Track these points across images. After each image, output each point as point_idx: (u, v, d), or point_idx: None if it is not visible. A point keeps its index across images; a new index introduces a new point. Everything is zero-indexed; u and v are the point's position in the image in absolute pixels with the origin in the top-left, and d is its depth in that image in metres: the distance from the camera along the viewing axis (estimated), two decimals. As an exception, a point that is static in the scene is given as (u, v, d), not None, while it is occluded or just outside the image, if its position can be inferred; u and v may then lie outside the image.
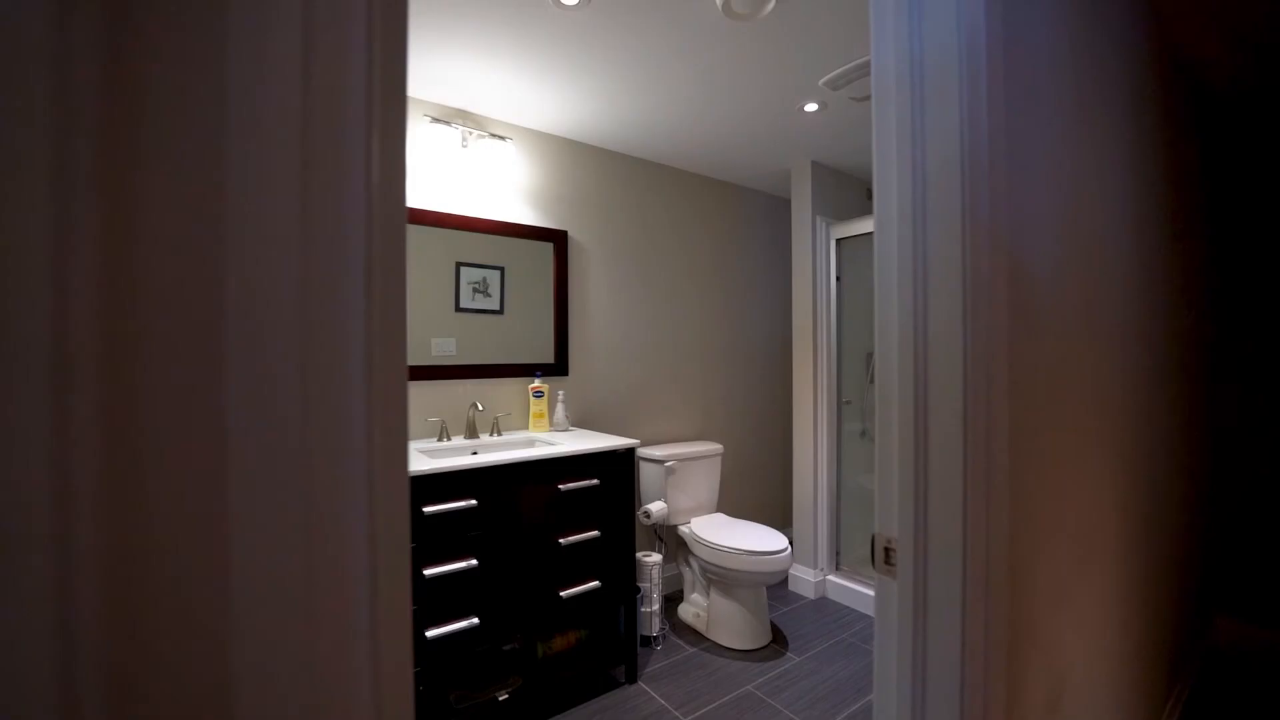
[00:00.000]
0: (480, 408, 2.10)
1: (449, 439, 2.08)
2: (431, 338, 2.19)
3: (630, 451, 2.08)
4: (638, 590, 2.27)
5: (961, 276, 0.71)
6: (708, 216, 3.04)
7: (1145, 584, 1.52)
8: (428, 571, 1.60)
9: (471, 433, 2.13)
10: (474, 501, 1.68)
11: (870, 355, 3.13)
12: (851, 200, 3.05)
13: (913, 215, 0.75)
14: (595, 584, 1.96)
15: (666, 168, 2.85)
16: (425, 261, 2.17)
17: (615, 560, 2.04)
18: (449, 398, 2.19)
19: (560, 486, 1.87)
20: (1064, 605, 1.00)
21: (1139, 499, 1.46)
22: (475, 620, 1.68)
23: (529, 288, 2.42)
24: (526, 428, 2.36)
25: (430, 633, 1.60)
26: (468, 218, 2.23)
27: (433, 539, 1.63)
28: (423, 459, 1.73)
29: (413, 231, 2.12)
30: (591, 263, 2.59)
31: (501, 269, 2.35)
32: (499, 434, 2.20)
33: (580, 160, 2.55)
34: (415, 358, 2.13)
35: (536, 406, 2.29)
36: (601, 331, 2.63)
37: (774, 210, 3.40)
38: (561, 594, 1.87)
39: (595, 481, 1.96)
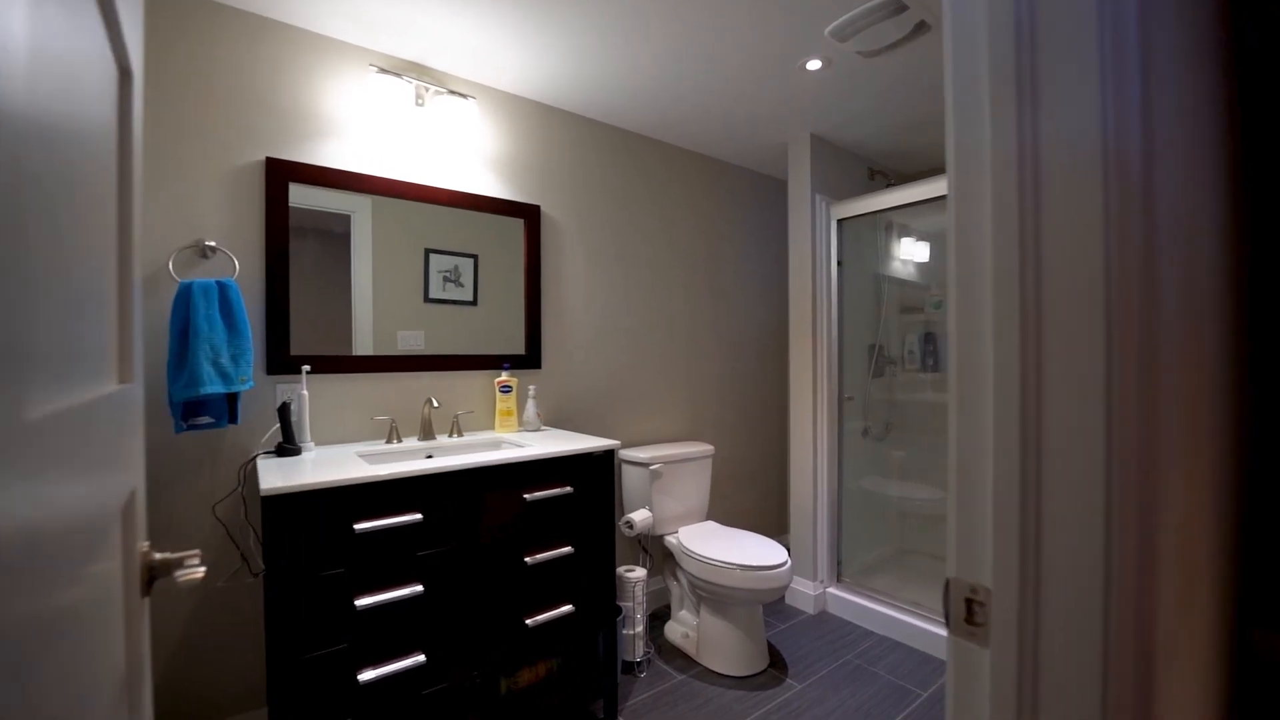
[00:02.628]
0: (436, 404, 1.81)
1: (399, 440, 1.80)
2: (398, 330, 1.93)
3: (609, 454, 1.81)
4: (618, 612, 2.01)
5: (1105, 299, 0.46)
6: (697, 197, 2.78)
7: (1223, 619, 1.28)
8: (361, 602, 1.31)
9: (427, 433, 1.85)
10: (419, 516, 1.40)
11: (874, 347, 2.89)
12: (853, 181, 2.81)
13: (1019, 216, 0.50)
14: (568, 608, 1.68)
15: (651, 140, 2.59)
16: (389, 246, 1.92)
17: (592, 579, 1.77)
18: (401, 393, 1.90)
19: (526, 496, 1.59)
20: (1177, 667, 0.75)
21: (1223, 522, 1.23)
22: (421, 657, 1.40)
23: (505, 278, 2.16)
24: (492, 428, 2.08)
25: (364, 676, 1.32)
26: (424, 187, 1.94)
27: (367, 562, 1.34)
28: (358, 465, 1.44)
29: (365, 206, 1.83)
30: (567, 242, 2.32)
31: (475, 257, 2.09)
32: (459, 435, 1.92)
33: (554, 127, 2.28)
34: (374, 350, 1.84)
35: (503, 403, 2.02)
36: (579, 320, 2.35)
37: (769, 192, 3.15)
38: (528, 622, 1.59)
39: (568, 489, 1.68)
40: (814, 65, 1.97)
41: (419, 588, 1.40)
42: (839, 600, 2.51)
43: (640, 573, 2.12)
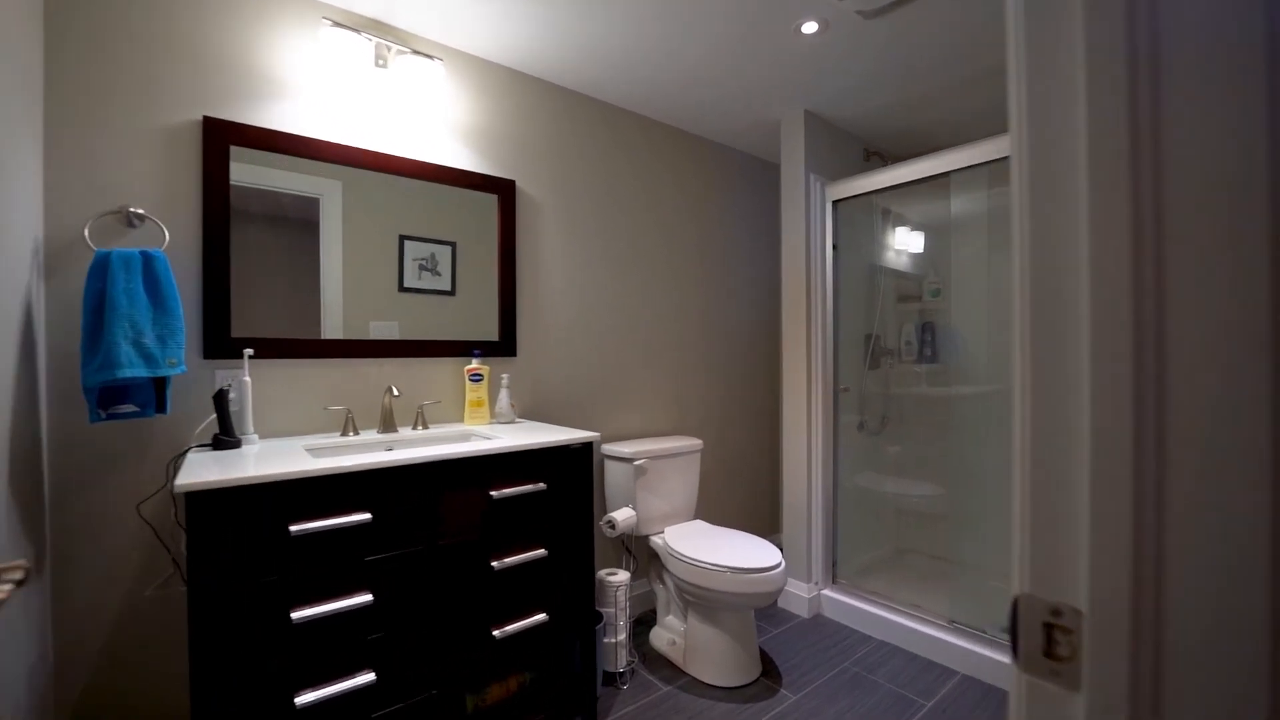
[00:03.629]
0: (396, 392, 1.65)
1: (355, 433, 1.63)
2: (370, 321, 1.78)
3: (587, 447, 1.65)
4: (598, 619, 1.85)
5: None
6: (685, 178, 2.63)
7: None
8: (299, 614, 1.14)
9: (388, 425, 1.68)
10: (368, 516, 1.23)
11: (869, 337, 2.76)
12: (849, 162, 2.67)
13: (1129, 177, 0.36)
14: (541, 617, 1.53)
15: (634, 116, 2.43)
16: (361, 232, 1.77)
17: (569, 584, 1.61)
18: (360, 382, 1.73)
19: (493, 493, 1.43)
20: None
21: None
22: (371, 676, 1.24)
23: (485, 267, 2.02)
24: (461, 420, 1.92)
25: (303, 699, 1.15)
26: (388, 156, 1.77)
27: (306, 568, 1.18)
28: (302, 458, 1.28)
29: (334, 189, 1.66)
30: (545, 222, 2.16)
31: (453, 245, 1.94)
32: (424, 427, 1.76)
33: (529, 97, 2.11)
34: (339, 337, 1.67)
35: (474, 393, 1.85)
36: (557, 305, 2.19)
37: (762, 177, 3.01)
38: (495, 633, 1.43)
39: (541, 485, 1.53)
40: (809, 28, 1.82)
41: (367, 597, 1.23)
42: (834, 603, 2.38)
43: (623, 576, 1.97)
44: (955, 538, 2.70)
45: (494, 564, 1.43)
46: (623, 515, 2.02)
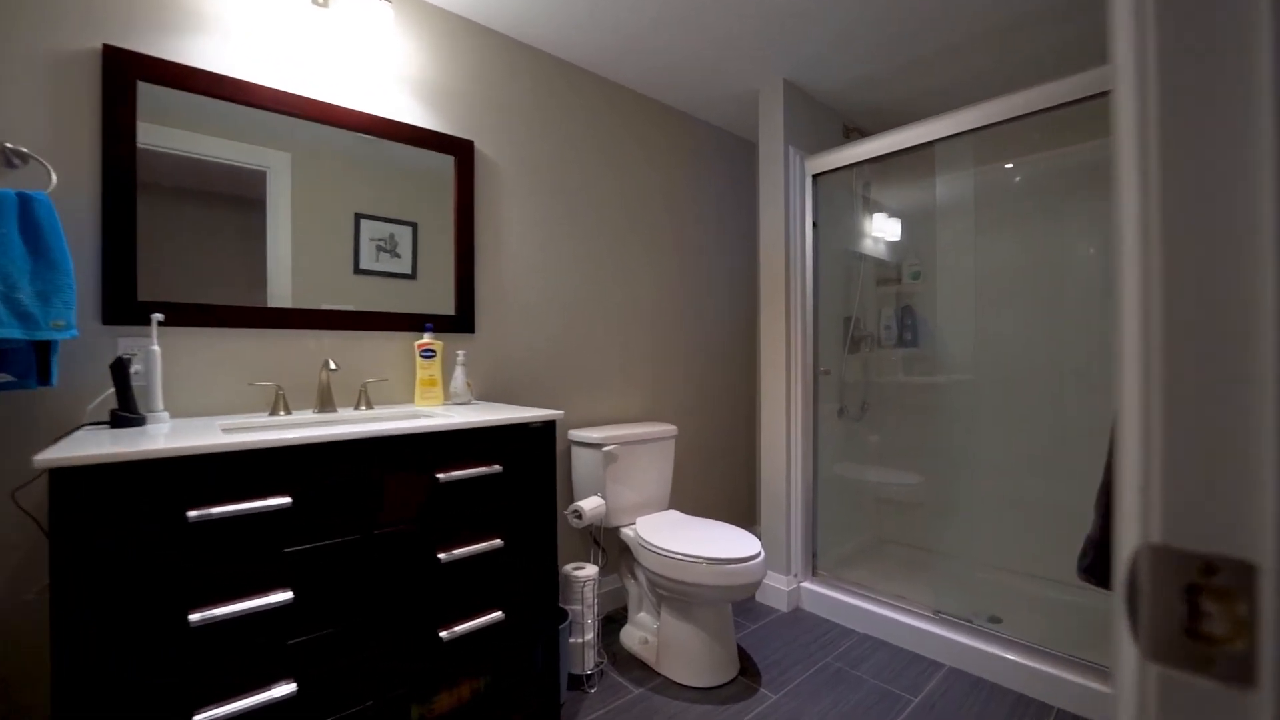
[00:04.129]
0: (334, 366, 1.46)
1: (287, 412, 1.44)
2: (322, 304, 1.61)
3: (550, 426, 1.50)
4: (563, 616, 1.70)
5: None
6: (658, 152, 2.49)
7: None
8: (197, 616, 0.96)
9: (325, 404, 1.49)
10: (287, 500, 1.06)
11: (849, 320, 2.66)
12: (828, 138, 2.57)
13: None
14: (497, 615, 1.36)
15: (601, 80, 2.29)
16: (313, 209, 1.60)
17: (528, 579, 1.45)
18: (294, 355, 1.54)
19: (440, 476, 1.26)
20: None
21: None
22: (291, 687, 1.06)
23: (449, 250, 1.86)
24: (411, 400, 1.74)
25: (202, 717, 0.97)
26: (329, 106, 1.59)
27: (209, 562, 0.99)
28: (208, 434, 1.09)
29: (283, 161, 1.46)
30: (507, 189, 1.99)
31: (414, 225, 1.78)
32: (368, 407, 1.58)
33: (488, 52, 1.95)
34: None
35: (426, 370, 1.68)
36: (520, 279, 2.03)
37: (737, 153, 2.89)
38: (443, 635, 1.27)
39: (496, 468, 1.36)
40: (791, -21, 1.70)
41: (286, 595, 1.05)
42: (815, 596, 2.27)
43: (591, 570, 1.81)
44: (936, 526, 2.63)
45: (441, 556, 1.26)
46: (590, 505, 1.86)
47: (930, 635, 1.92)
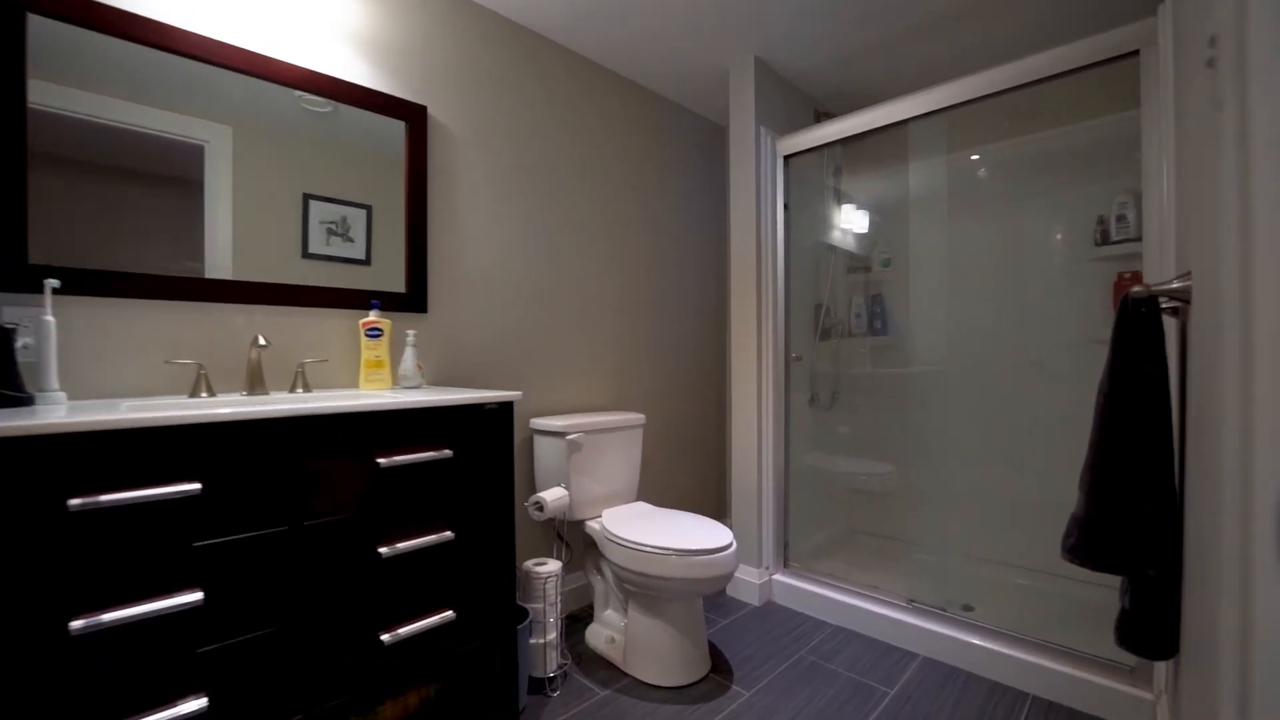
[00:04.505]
0: (264, 342, 1.32)
1: (210, 393, 1.29)
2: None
3: (506, 408, 1.38)
4: (523, 615, 1.58)
5: None
6: (622, 131, 2.40)
7: None
8: (81, 623, 0.82)
9: (256, 385, 1.34)
10: (196, 487, 0.92)
11: (819, 307, 2.62)
12: (799, 121, 2.51)
13: None
14: (447, 615, 1.24)
15: (565, 51, 2.18)
16: (256, 188, 1.46)
17: (483, 575, 1.34)
18: (221, 332, 1.39)
19: (381, 461, 1.14)
20: None
21: None
22: (202, 702, 0.92)
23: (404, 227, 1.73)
24: (356, 384, 1.60)
25: (88, 741, 0.82)
26: (266, 58, 1.44)
27: (97, 559, 0.85)
28: (102, 413, 0.94)
29: (224, 135, 1.30)
30: (464, 159, 1.86)
31: (368, 208, 1.66)
32: (305, 389, 1.43)
33: (443, 12, 1.82)
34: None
35: (371, 351, 1.54)
36: (478, 256, 1.90)
37: (707, 136, 2.82)
38: (385, 637, 1.14)
39: (446, 453, 1.24)
40: (764, -57, 1.63)
41: (195, 596, 0.92)
42: (787, 588, 2.20)
43: (553, 566, 1.70)
44: (908, 516, 2.60)
45: (382, 550, 1.14)
46: (553, 496, 1.75)
47: (904, 625, 1.87)
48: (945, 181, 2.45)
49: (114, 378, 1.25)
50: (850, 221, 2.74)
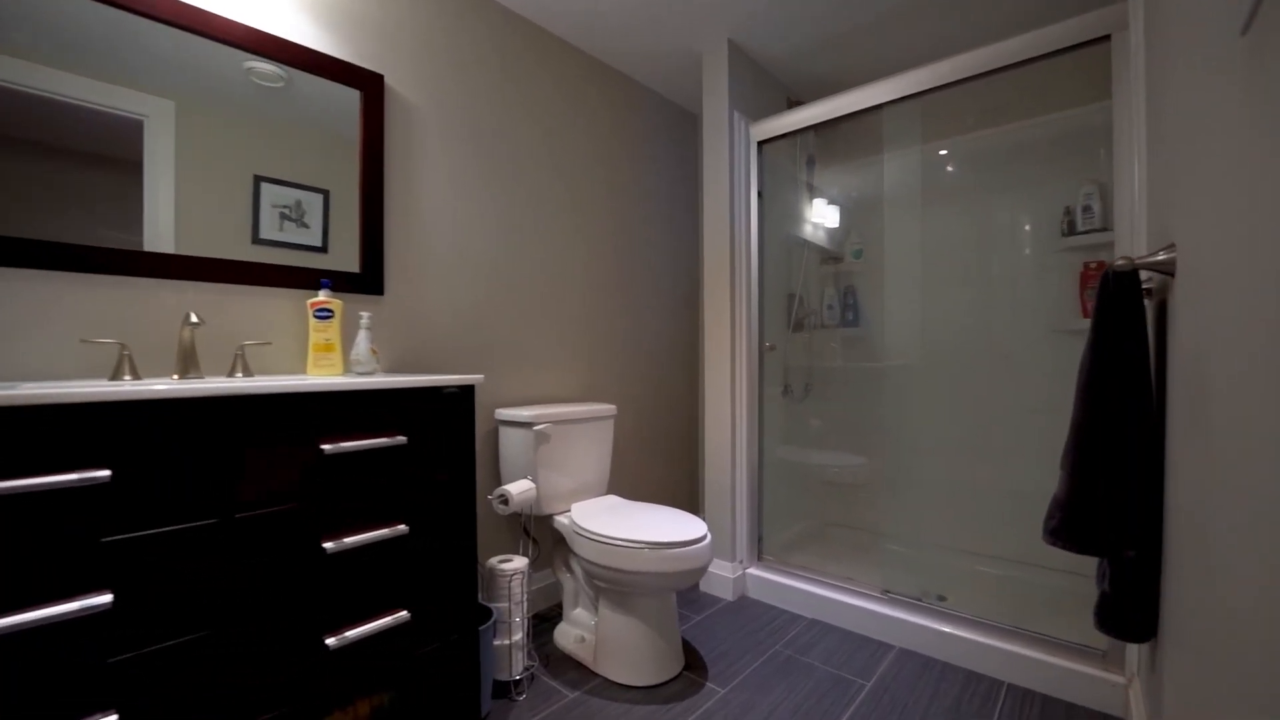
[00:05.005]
0: (197, 320, 1.20)
1: (134, 377, 1.16)
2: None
3: (466, 392, 1.29)
4: (486, 615, 1.49)
5: None
6: (589, 111, 2.32)
7: None
8: (-42, 631, 0.70)
9: (188, 367, 1.22)
10: (106, 473, 0.81)
11: (792, 297, 2.59)
12: (769, 109, 2.48)
13: None
14: (401, 615, 1.15)
15: (533, 27, 2.09)
16: (201, 168, 1.35)
17: (441, 571, 1.24)
18: (149, 311, 1.26)
19: (326, 448, 1.04)
20: None
21: None
22: (111, 719, 0.81)
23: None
24: (304, 369, 1.48)
25: (-34, 769, 0.71)
26: (204, 12, 1.31)
27: (-19, 557, 0.73)
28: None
29: (166, 110, 1.17)
30: (424, 134, 1.76)
31: (325, 193, 1.55)
32: (245, 373, 1.31)
33: (406, -22, 1.71)
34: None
35: (321, 334, 1.42)
36: (440, 237, 1.80)
37: (680, 123, 2.76)
38: (330, 641, 1.04)
39: (400, 439, 1.15)
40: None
41: (104, 598, 0.80)
42: (761, 582, 2.16)
43: (519, 563, 1.61)
44: (880, 508, 2.60)
45: (327, 545, 1.03)
46: (518, 489, 1.66)
47: (879, 616, 1.84)
48: (919, 173, 2.46)
49: (25, 359, 1.11)
50: (822, 212, 2.72)
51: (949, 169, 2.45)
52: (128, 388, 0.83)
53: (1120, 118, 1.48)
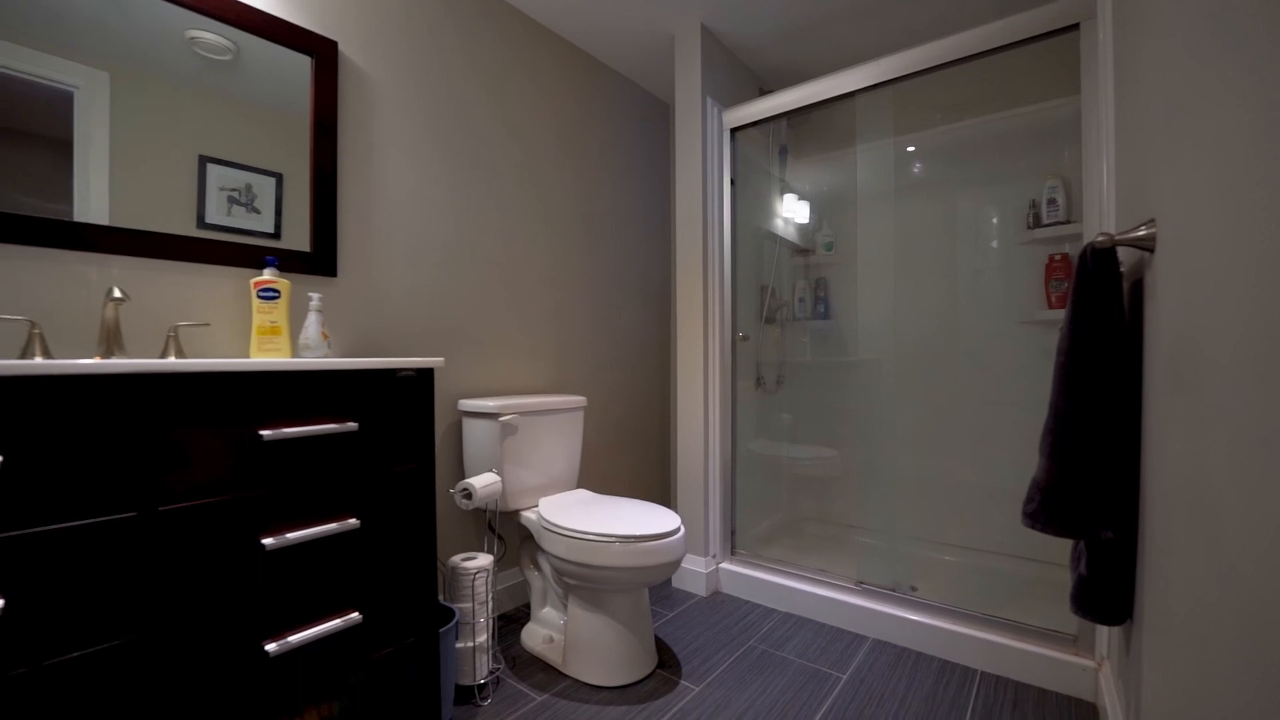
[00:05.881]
0: (120, 294, 1.08)
1: (46, 356, 1.04)
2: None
3: (425, 376, 1.21)
4: (448, 616, 1.40)
5: None
6: (555, 93, 2.25)
7: None
8: None
9: (111, 346, 1.10)
10: (-5, 458, 0.70)
11: (764, 289, 2.56)
12: (741, 98, 2.45)
13: None
14: (352, 617, 1.05)
15: (497, 2, 2.01)
16: (140, 146, 1.23)
17: (397, 569, 1.15)
18: (68, 286, 1.13)
19: (265, 433, 0.94)
20: None
21: None
22: (3, 743, 0.70)
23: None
24: (246, 354, 1.37)
25: None
26: (119, -40, 1.19)
27: None
28: None
29: (100, 81, 1.05)
30: (381, 106, 1.66)
31: (278, 176, 1.45)
32: (179, 356, 1.19)
33: (362, -59, 1.61)
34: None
35: (265, 315, 1.31)
36: (399, 217, 1.70)
37: (650, 111, 2.71)
38: (270, 646, 0.94)
39: (351, 426, 1.06)
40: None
41: (-8, 603, 0.70)
42: (734, 577, 2.12)
43: (484, 560, 1.53)
44: (853, 501, 2.59)
45: (267, 541, 0.94)
46: (482, 482, 1.58)
47: (853, 608, 1.82)
48: (892, 166, 2.46)
49: (-94, 336, 0.98)
50: (794, 203, 2.70)
51: (915, 168, 2.46)
52: (21, 363, 0.73)
53: (1089, 105, 1.49)
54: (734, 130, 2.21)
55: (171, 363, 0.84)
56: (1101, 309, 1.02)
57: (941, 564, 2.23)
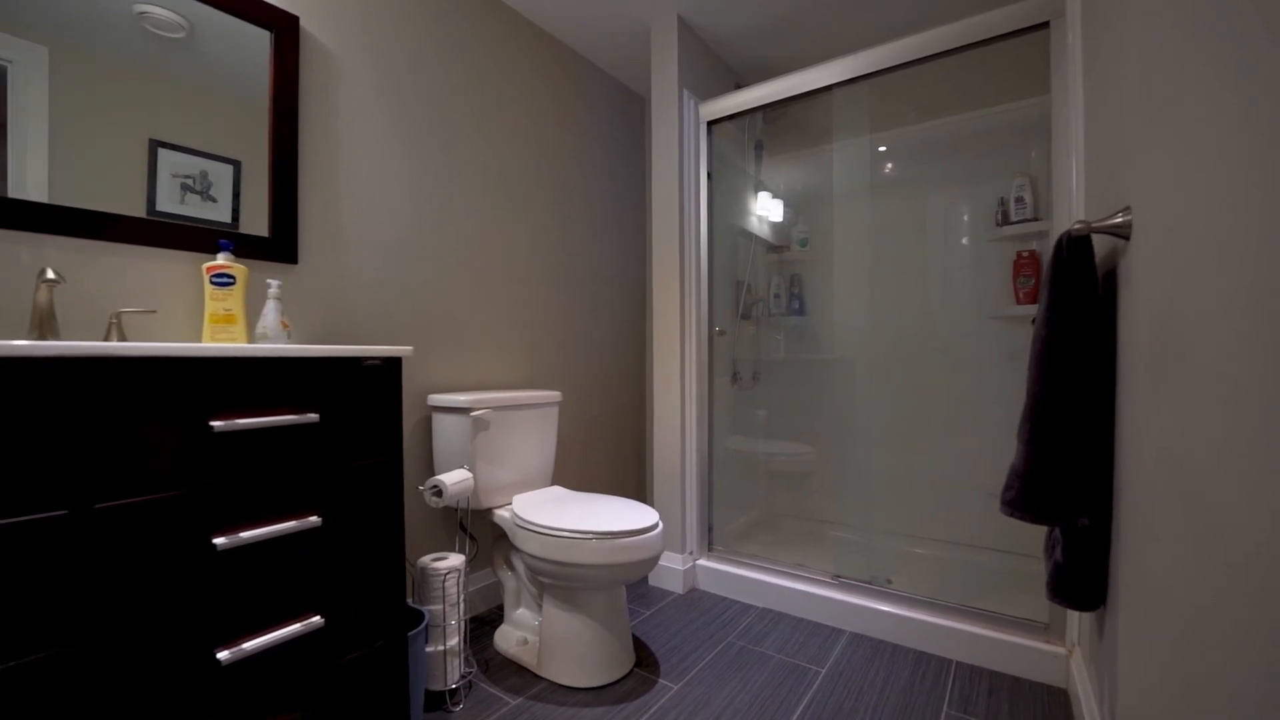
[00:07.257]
0: (54, 276, 0.99)
1: (-34, 345, 0.94)
2: None
3: (392, 365, 1.15)
4: (417, 619, 1.34)
5: None
6: (527, 81, 2.20)
7: None
8: None
9: (47, 334, 1.01)
10: (-101, 449, 0.63)
11: (741, 284, 2.56)
12: (718, 92, 2.44)
13: None
14: (314, 621, 0.99)
15: (479, -11, 1.95)
16: (81, 128, 1.14)
17: (362, 569, 1.09)
18: (2, 265, 1.04)
19: (216, 425, 0.87)
20: None
21: None
22: (-91, 769, 0.63)
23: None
24: (199, 339, 1.29)
25: None
26: (54, -84, 1.10)
27: None
28: None
29: (39, 57, 0.95)
30: (346, 89, 1.58)
31: (236, 164, 1.37)
32: (122, 340, 1.11)
33: (326, -87, 1.54)
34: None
35: (219, 303, 1.23)
36: (364, 205, 1.63)
37: (626, 105, 2.68)
38: (221, 655, 0.87)
39: (311, 417, 0.99)
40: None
41: (-105, 612, 0.62)
42: (711, 573, 2.10)
43: (455, 560, 1.47)
44: (827, 496, 2.60)
45: (219, 541, 0.87)
46: (453, 479, 1.52)
47: (830, 602, 1.82)
48: (867, 163, 2.48)
49: None
50: (770, 199, 2.71)
51: (887, 168, 2.48)
52: (-65, 340, 0.65)
53: (1058, 101, 1.51)
54: (711, 123, 2.19)
55: (108, 345, 0.77)
56: (1077, 296, 1.03)
57: (916, 557, 2.25)
